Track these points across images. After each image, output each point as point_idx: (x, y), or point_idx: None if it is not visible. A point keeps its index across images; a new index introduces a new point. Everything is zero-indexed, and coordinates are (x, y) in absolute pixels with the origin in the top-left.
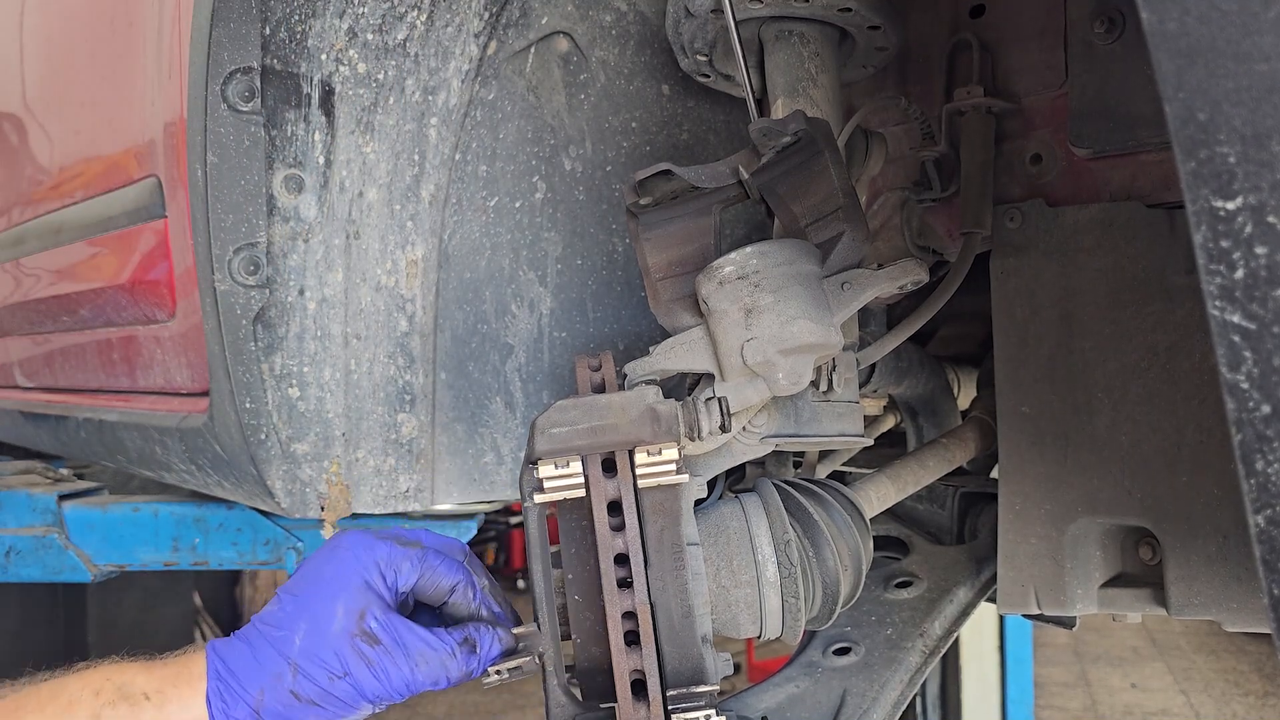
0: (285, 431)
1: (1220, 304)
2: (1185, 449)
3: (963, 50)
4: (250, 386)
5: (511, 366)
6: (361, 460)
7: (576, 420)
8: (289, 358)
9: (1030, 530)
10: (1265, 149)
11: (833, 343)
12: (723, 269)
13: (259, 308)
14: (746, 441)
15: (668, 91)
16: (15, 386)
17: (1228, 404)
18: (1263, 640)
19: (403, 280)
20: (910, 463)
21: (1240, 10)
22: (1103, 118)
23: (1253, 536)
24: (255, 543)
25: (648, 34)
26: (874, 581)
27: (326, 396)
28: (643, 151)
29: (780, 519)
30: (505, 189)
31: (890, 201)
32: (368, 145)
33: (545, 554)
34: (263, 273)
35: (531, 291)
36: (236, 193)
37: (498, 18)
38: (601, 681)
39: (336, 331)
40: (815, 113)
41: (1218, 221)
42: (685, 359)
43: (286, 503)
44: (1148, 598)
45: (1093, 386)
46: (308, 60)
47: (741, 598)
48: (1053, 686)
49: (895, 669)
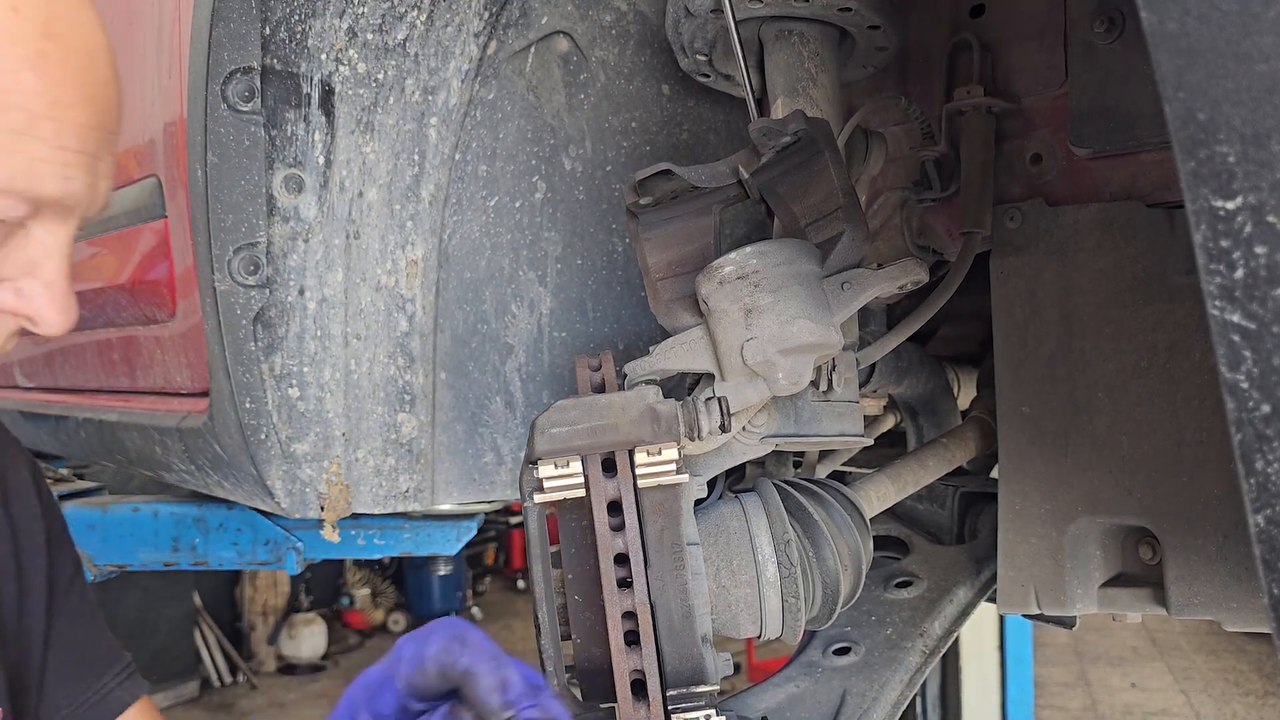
0: (285, 431)
1: (1220, 304)
2: (1185, 449)
3: (963, 50)
4: (250, 386)
5: (511, 366)
6: (361, 460)
7: (576, 420)
8: (289, 358)
9: (1030, 530)
10: (1265, 149)
11: (832, 342)
12: (723, 269)
13: (259, 308)
14: (746, 441)
15: (668, 91)
16: (15, 386)
17: (1228, 404)
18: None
19: (403, 280)
20: (910, 463)
21: (1240, 10)
22: (1103, 118)
23: (1253, 536)
24: (255, 543)
25: (648, 34)
26: (874, 581)
27: (326, 396)
28: (643, 151)
29: (780, 519)
30: (505, 189)
31: (890, 201)
32: (368, 145)
33: (545, 554)
34: (263, 273)
35: (531, 291)
36: (236, 193)
37: (498, 17)
38: (601, 681)
39: (336, 331)
40: (815, 112)
41: (1217, 221)
42: (685, 359)
43: (286, 503)
44: (1148, 597)
45: (1093, 386)
46: (308, 60)
47: (741, 598)
48: (1053, 686)
49: (895, 669)
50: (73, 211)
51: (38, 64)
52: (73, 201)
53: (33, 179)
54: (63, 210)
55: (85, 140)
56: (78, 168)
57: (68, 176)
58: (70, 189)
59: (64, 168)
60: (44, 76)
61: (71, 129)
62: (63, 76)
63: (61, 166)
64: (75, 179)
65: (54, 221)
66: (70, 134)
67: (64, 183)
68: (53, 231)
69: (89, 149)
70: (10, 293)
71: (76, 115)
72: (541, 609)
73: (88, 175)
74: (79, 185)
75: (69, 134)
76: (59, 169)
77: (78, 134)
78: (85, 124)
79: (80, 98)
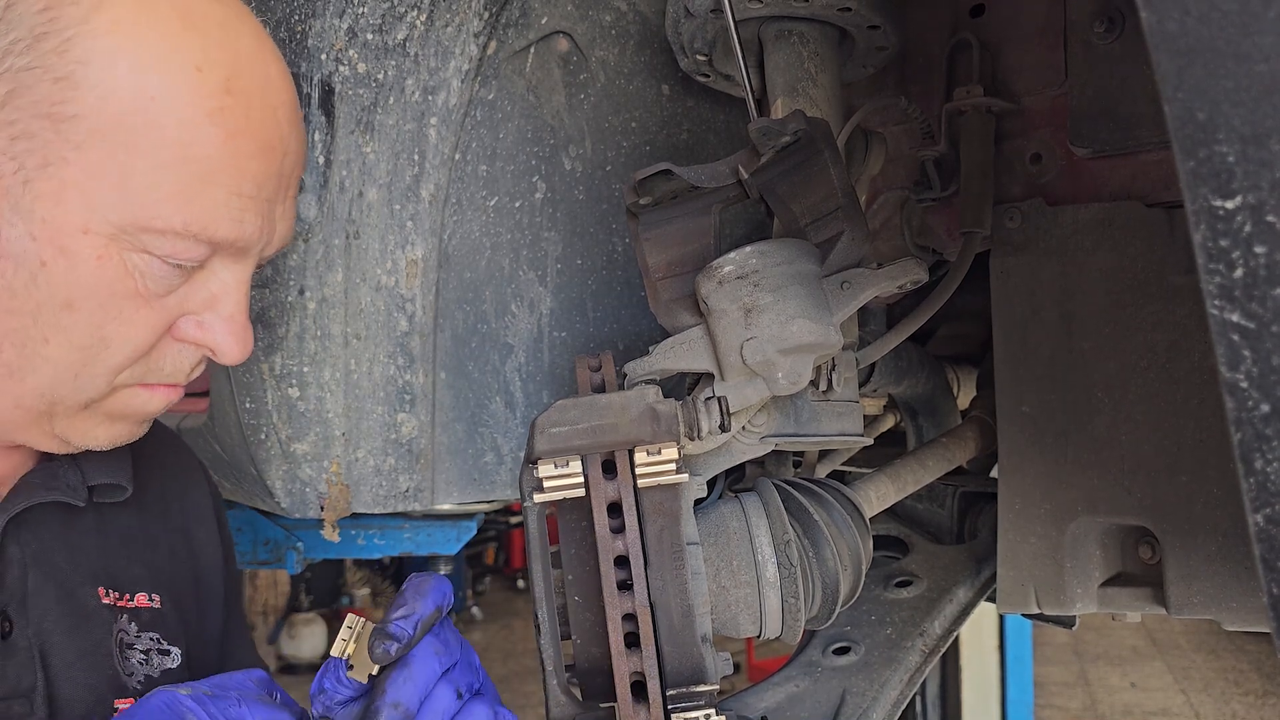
0: (285, 431)
1: (1219, 303)
2: (1185, 449)
3: (963, 50)
4: (250, 386)
5: (511, 366)
6: (361, 460)
7: (576, 420)
8: (289, 358)
9: (1030, 530)
10: (1264, 148)
11: (832, 342)
12: (722, 268)
13: (259, 308)
14: (746, 441)
15: (668, 91)
16: None
17: (1227, 403)
18: (1262, 640)
19: (403, 280)
20: (910, 462)
21: (1240, 10)
22: (1103, 118)
23: (1252, 535)
24: (255, 543)
25: (648, 34)
26: (874, 581)
27: (326, 396)
28: (643, 151)
29: (780, 519)
30: (505, 189)
31: (890, 201)
32: (367, 145)
33: (545, 554)
34: (262, 273)
35: (531, 291)
36: None
37: (498, 17)
38: (601, 681)
39: (336, 331)
40: (815, 112)
41: (1217, 221)
42: (685, 359)
43: (286, 503)
44: (1147, 597)
45: (1093, 386)
46: (307, 60)
47: (741, 597)
48: (1053, 686)
49: (895, 668)
50: (248, 251)
51: (218, 118)
52: (245, 243)
53: (208, 223)
54: (238, 251)
55: (262, 188)
56: (253, 212)
57: (242, 221)
58: (244, 232)
59: (240, 213)
60: (223, 129)
61: (249, 178)
62: (243, 129)
63: (238, 211)
64: (249, 223)
65: (231, 260)
66: (248, 182)
67: (238, 226)
68: (230, 269)
69: (265, 195)
70: (193, 325)
71: (254, 165)
72: (541, 609)
73: (262, 220)
74: (252, 229)
75: (246, 182)
76: (235, 214)
77: (254, 182)
78: (262, 172)
79: (258, 149)
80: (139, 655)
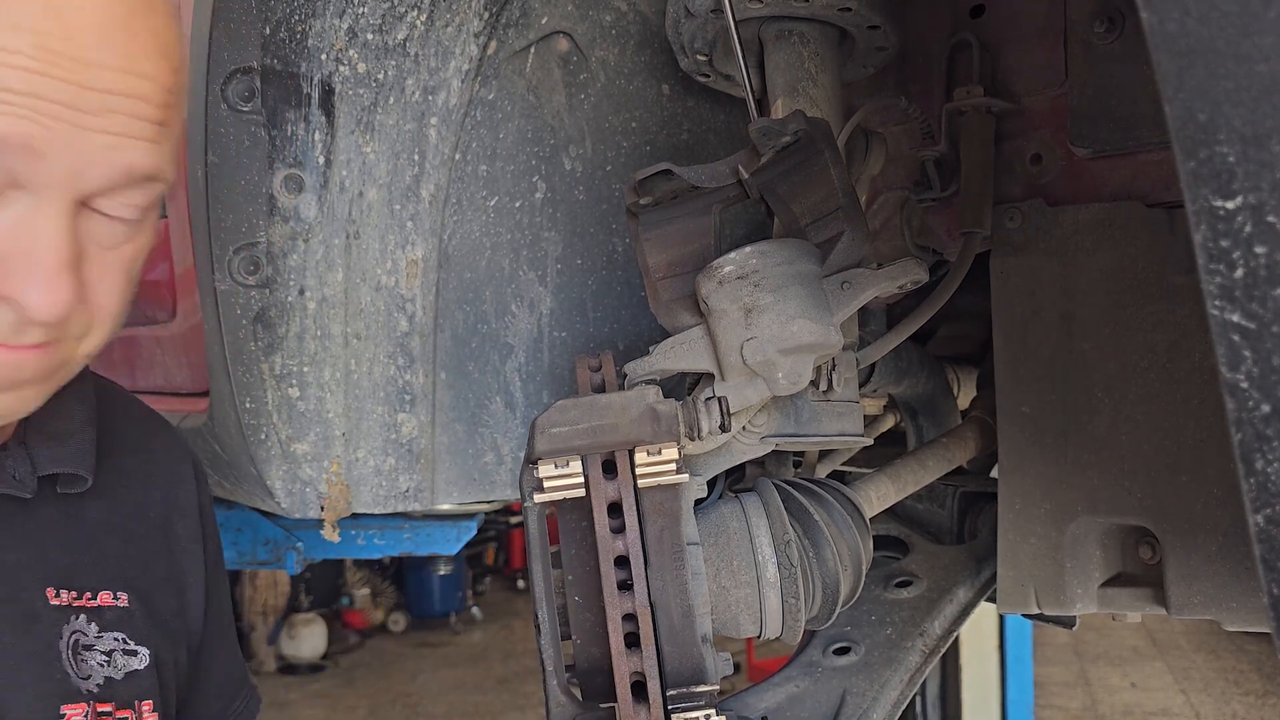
0: (285, 431)
1: (1220, 303)
2: (1185, 449)
3: (963, 50)
4: (250, 386)
5: (511, 366)
6: (361, 460)
7: (576, 420)
8: (289, 358)
9: (1030, 530)
10: (1265, 149)
11: (832, 342)
12: (722, 269)
13: (259, 308)
14: (746, 441)
15: (668, 91)
16: None
17: (1227, 403)
18: (1262, 640)
19: (403, 280)
20: (910, 463)
21: (1240, 10)
22: (1103, 118)
23: (1252, 536)
24: (255, 543)
25: (648, 34)
26: (874, 581)
27: (326, 396)
28: (643, 151)
29: (780, 519)
30: (505, 189)
31: (890, 201)
32: (368, 145)
33: (545, 554)
34: (263, 273)
35: (531, 291)
36: (236, 193)
37: (498, 17)
38: (601, 681)
39: (336, 331)
40: (815, 112)
41: (1217, 221)
42: (685, 359)
43: (286, 503)
44: (1148, 597)
45: (1093, 386)
46: (308, 60)
47: (741, 598)
48: (1053, 686)
49: (895, 669)
50: (37, 171)
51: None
52: (18, 142)
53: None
54: (28, 169)
55: (38, 88)
56: (23, 113)
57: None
58: (15, 129)
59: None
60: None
61: (14, 73)
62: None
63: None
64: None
65: (29, 190)
66: (13, 76)
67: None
68: (29, 199)
69: (50, 97)
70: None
71: (18, 61)
72: (541, 609)
73: (37, 127)
74: (29, 127)
75: (11, 75)
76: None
77: (23, 78)
78: (27, 51)
79: (27, 46)
80: (99, 657)
